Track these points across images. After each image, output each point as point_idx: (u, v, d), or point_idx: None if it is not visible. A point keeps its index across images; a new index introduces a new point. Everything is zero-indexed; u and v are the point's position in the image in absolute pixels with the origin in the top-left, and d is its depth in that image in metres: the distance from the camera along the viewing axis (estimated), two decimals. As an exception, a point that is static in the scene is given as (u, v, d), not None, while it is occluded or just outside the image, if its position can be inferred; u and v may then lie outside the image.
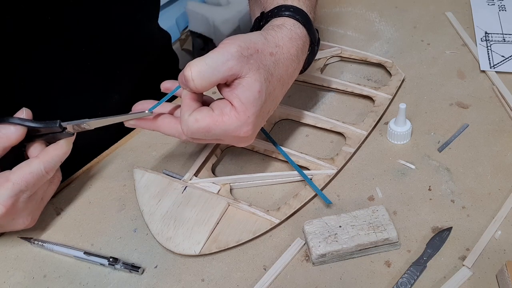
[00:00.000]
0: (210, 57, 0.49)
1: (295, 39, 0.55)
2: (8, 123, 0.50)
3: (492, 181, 0.58)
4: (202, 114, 0.50)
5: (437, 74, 0.72)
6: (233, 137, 0.51)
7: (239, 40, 0.50)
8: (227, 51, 0.49)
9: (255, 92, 0.49)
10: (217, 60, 0.48)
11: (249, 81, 0.49)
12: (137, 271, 0.53)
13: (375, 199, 0.58)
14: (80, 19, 0.63)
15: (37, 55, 0.61)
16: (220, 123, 0.50)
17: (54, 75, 0.63)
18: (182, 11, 1.74)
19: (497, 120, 0.64)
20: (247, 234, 0.54)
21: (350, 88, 0.69)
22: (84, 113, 0.69)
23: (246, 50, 0.50)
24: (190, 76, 0.48)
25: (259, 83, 0.50)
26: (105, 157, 0.66)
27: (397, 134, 0.62)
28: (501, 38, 0.75)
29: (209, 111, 0.50)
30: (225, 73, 0.48)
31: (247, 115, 0.50)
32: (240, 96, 0.49)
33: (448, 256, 0.52)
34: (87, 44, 0.65)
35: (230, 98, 0.50)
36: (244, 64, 0.49)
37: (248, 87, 0.49)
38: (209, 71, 0.48)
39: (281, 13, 0.56)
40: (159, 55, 0.83)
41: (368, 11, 0.84)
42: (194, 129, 0.50)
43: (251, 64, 0.49)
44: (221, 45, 0.50)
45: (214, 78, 0.49)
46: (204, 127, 0.50)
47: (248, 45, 0.50)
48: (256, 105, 0.50)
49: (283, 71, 0.53)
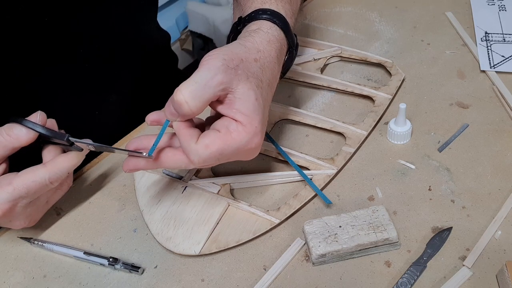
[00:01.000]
0: (197, 76, 0.47)
1: (273, 42, 0.54)
2: (21, 124, 0.50)
3: (492, 181, 0.58)
4: (210, 138, 0.48)
5: (437, 74, 0.72)
6: (245, 152, 0.50)
7: (221, 53, 0.49)
8: (213, 66, 0.47)
9: (253, 100, 0.48)
10: (205, 76, 0.46)
11: (244, 92, 0.48)
12: (137, 271, 0.53)
13: (375, 199, 0.58)
14: (78, 20, 0.63)
15: (34, 55, 0.60)
16: (231, 141, 0.48)
17: (52, 74, 0.63)
18: (182, 11, 1.74)
19: (497, 120, 0.64)
20: (247, 234, 0.54)
21: (350, 88, 0.69)
22: (82, 113, 0.69)
23: (231, 61, 0.48)
24: (183, 99, 0.46)
25: (253, 91, 0.49)
26: (105, 157, 0.66)
27: (397, 134, 0.62)
28: (501, 38, 0.75)
29: (216, 133, 0.48)
30: (216, 88, 0.47)
31: (254, 125, 0.48)
32: (241, 109, 0.48)
33: (448, 256, 0.52)
34: (85, 44, 0.65)
35: (231, 114, 0.48)
36: (233, 76, 0.48)
37: (245, 98, 0.48)
38: (200, 89, 0.46)
39: (258, 16, 0.55)
40: (158, 55, 0.83)
41: (368, 11, 0.84)
42: (206, 156, 0.48)
43: (239, 75, 0.48)
44: (204, 62, 0.48)
45: (206, 96, 0.47)
46: (217, 150, 0.48)
47: (232, 56, 0.49)
48: (259, 113, 0.49)
49: (269, 75, 0.52)
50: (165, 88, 0.81)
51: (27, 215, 0.53)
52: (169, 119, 0.49)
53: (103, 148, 0.53)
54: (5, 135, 0.50)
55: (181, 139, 0.49)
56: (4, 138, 0.50)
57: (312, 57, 0.74)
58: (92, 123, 0.71)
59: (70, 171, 0.53)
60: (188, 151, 0.48)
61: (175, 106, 0.47)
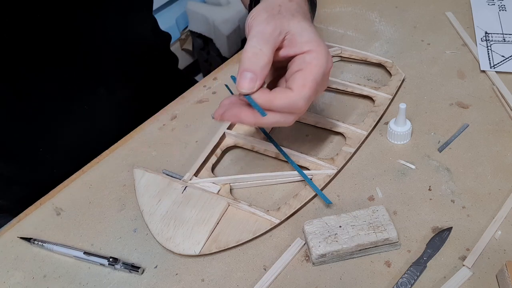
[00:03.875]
0: (253, 31, 0.48)
1: None
2: None
3: (492, 181, 0.58)
4: (300, 78, 0.48)
5: (437, 74, 0.72)
6: (328, 73, 0.51)
7: (260, 7, 0.51)
8: (260, 19, 0.49)
9: (308, 28, 0.50)
10: (260, 29, 0.48)
11: (297, 26, 0.50)
12: (137, 271, 0.53)
13: (375, 199, 0.58)
14: (68, 19, 0.62)
15: (26, 51, 0.60)
16: (317, 69, 0.48)
17: (43, 72, 0.63)
18: (182, 11, 1.74)
19: (497, 120, 0.64)
20: (247, 234, 0.54)
21: (350, 88, 0.69)
22: (73, 110, 0.69)
23: (272, 10, 0.50)
24: (257, 48, 0.47)
25: (304, 21, 0.50)
26: (105, 157, 0.66)
27: (397, 134, 0.62)
28: (501, 38, 0.75)
29: (301, 72, 0.48)
30: (274, 34, 0.48)
31: (323, 45, 0.50)
32: (304, 40, 0.49)
33: (448, 256, 0.52)
34: (75, 43, 0.64)
35: (299, 49, 0.49)
36: (281, 19, 0.49)
37: (301, 30, 0.50)
38: (265, 38, 0.47)
39: None
40: (156, 55, 0.83)
41: (368, 11, 0.84)
42: (308, 93, 0.48)
43: (285, 16, 0.50)
44: (251, 21, 0.50)
45: (271, 42, 0.48)
46: (312, 83, 0.48)
47: (271, 5, 0.51)
48: (318, 35, 0.50)
49: (307, 13, 0.54)
50: (165, 88, 0.81)
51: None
52: (250, 88, 0.47)
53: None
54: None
55: (278, 101, 0.48)
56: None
57: (312, 57, 0.74)
58: (84, 120, 0.71)
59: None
60: (292, 101, 0.48)
61: (250, 64, 0.47)
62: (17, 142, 0.66)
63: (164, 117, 0.70)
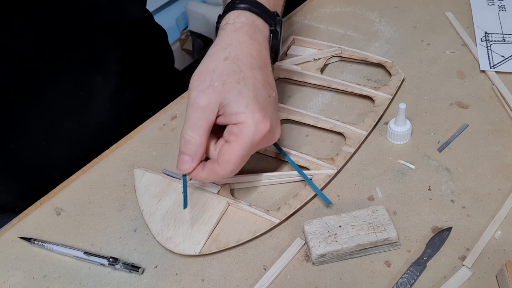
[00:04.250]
0: (186, 115, 0.51)
1: (241, 28, 0.54)
2: None
3: (492, 181, 0.58)
4: (225, 153, 0.51)
5: (437, 74, 0.72)
6: (262, 140, 0.52)
7: (193, 81, 0.52)
8: (192, 100, 0.51)
9: (238, 98, 0.50)
10: (190, 112, 0.51)
11: (227, 97, 0.50)
12: (137, 271, 0.53)
13: (375, 199, 0.58)
14: (63, 3, 0.62)
15: (19, 34, 0.60)
16: (242, 143, 0.50)
17: (37, 53, 0.62)
18: (182, 11, 1.74)
19: (497, 120, 0.64)
20: (247, 234, 0.54)
21: (350, 88, 0.69)
22: (67, 93, 0.68)
23: (202, 83, 0.51)
24: (188, 136, 0.50)
25: (234, 89, 0.50)
26: (105, 157, 0.66)
27: (397, 134, 0.62)
28: (501, 38, 0.75)
29: (226, 145, 0.51)
30: (205, 113, 0.50)
31: (251, 117, 0.50)
32: (232, 112, 0.50)
33: (448, 256, 0.52)
34: (69, 25, 0.64)
35: (228, 120, 0.51)
36: (211, 93, 0.50)
37: (231, 100, 0.50)
38: (194, 122, 0.50)
39: (228, 9, 0.57)
40: (153, 48, 0.83)
41: (368, 11, 0.84)
42: (232, 168, 0.51)
43: (216, 87, 0.50)
44: (190, 87, 0.51)
45: (203, 123, 0.50)
46: (237, 158, 0.51)
47: (201, 78, 0.51)
48: (250, 103, 0.50)
49: (250, 59, 0.53)
50: (165, 88, 0.81)
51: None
52: (184, 169, 0.52)
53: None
54: None
55: (205, 177, 0.53)
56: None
57: (312, 57, 0.74)
58: (78, 104, 0.70)
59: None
60: (218, 176, 0.52)
61: (185, 149, 0.51)
62: (17, 136, 0.66)
63: (164, 117, 0.70)
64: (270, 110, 0.53)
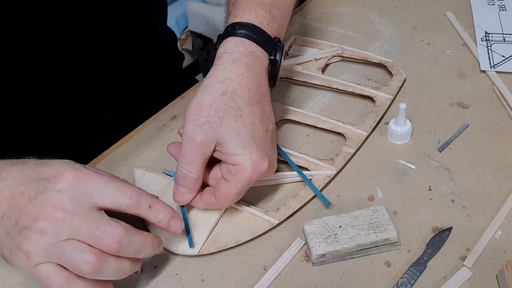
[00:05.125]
0: (182, 149, 0.51)
1: (240, 59, 0.54)
2: None
3: (492, 181, 0.58)
4: (222, 190, 0.51)
5: (437, 74, 0.72)
6: (259, 177, 0.52)
7: (189, 115, 0.51)
8: (188, 135, 0.51)
9: (236, 138, 0.50)
10: (186, 147, 0.51)
11: (224, 136, 0.50)
12: (137, 271, 0.53)
13: (375, 199, 0.57)
14: (84, 18, 0.63)
15: (39, 53, 0.61)
16: (240, 182, 0.51)
17: (58, 72, 0.63)
18: (182, 11, 1.74)
19: (497, 120, 0.64)
20: (246, 235, 0.54)
21: (350, 88, 0.69)
22: (87, 109, 0.69)
23: (199, 119, 0.51)
24: (184, 170, 0.51)
25: (232, 129, 0.50)
26: (105, 157, 0.66)
27: (397, 134, 0.62)
28: (501, 38, 0.75)
29: (224, 183, 0.51)
30: (201, 150, 0.50)
31: (249, 159, 0.50)
32: (229, 152, 0.50)
33: (448, 256, 0.52)
34: (90, 43, 0.65)
35: (225, 159, 0.51)
36: (208, 129, 0.50)
37: (228, 140, 0.50)
38: (190, 157, 0.51)
39: (227, 35, 0.56)
40: (166, 54, 0.83)
41: (368, 11, 0.84)
42: (230, 202, 0.53)
43: (213, 123, 0.50)
44: (185, 121, 0.52)
45: (199, 158, 0.51)
46: (234, 194, 0.51)
47: (198, 112, 0.51)
48: (248, 144, 0.50)
49: (248, 93, 0.53)
50: (165, 88, 0.81)
51: None
52: (182, 201, 0.53)
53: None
54: None
55: (202, 207, 0.54)
56: None
57: (313, 57, 0.74)
58: (96, 121, 0.72)
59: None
60: (215, 207, 0.54)
61: (182, 182, 0.52)
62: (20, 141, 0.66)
63: (164, 117, 0.70)
64: (267, 147, 0.53)
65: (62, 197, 0.43)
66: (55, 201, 0.43)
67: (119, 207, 0.46)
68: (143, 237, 0.47)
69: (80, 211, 0.43)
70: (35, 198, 0.43)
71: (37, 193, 0.44)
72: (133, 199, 0.45)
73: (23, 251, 0.43)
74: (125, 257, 0.46)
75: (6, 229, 0.44)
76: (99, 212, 0.45)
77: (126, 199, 0.45)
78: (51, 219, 0.43)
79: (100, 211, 0.45)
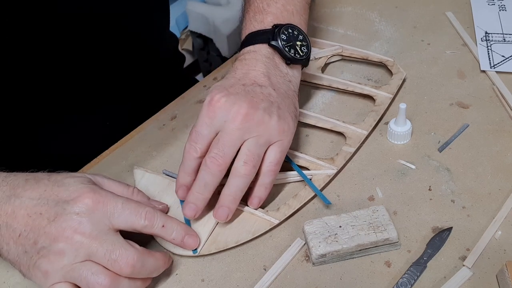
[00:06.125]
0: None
1: (254, 64, 0.57)
2: None
3: (492, 181, 0.58)
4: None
5: (437, 74, 0.72)
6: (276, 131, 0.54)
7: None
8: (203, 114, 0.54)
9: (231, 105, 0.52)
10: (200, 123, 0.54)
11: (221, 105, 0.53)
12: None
13: (375, 199, 0.57)
14: (89, 24, 0.63)
15: (47, 59, 0.61)
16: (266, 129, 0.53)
17: (57, 72, 0.64)
18: (182, 11, 1.74)
19: (497, 120, 0.64)
20: (246, 235, 0.54)
21: (350, 88, 0.69)
22: (94, 114, 0.69)
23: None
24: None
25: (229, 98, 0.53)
26: (105, 157, 0.66)
27: (397, 134, 0.62)
28: (501, 38, 0.75)
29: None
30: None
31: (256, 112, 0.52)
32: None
33: (448, 256, 0.52)
34: (97, 50, 0.66)
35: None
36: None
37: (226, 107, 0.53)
38: (199, 138, 0.54)
39: (246, 44, 0.59)
40: (167, 58, 0.83)
41: (368, 11, 0.84)
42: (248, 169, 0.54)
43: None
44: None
45: (206, 140, 0.54)
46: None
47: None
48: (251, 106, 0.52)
49: (250, 74, 0.56)
50: (165, 88, 0.81)
51: None
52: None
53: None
54: None
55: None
56: None
57: (313, 55, 0.74)
58: (96, 121, 0.72)
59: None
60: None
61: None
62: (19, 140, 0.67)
63: (164, 117, 0.70)
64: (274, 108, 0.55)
65: (81, 220, 0.45)
66: (75, 224, 0.45)
67: (134, 229, 0.48)
68: (156, 258, 0.49)
69: (98, 234, 0.46)
70: (54, 219, 0.45)
71: (56, 214, 0.45)
72: (148, 219, 0.48)
73: (41, 271, 0.45)
74: (138, 278, 0.48)
75: (24, 248, 0.46)
76: (115, 234, 0.47)
77: (141, 220, 0.48)
78: (69, 242, 0.45)
79: (116, 233, 0.47)
